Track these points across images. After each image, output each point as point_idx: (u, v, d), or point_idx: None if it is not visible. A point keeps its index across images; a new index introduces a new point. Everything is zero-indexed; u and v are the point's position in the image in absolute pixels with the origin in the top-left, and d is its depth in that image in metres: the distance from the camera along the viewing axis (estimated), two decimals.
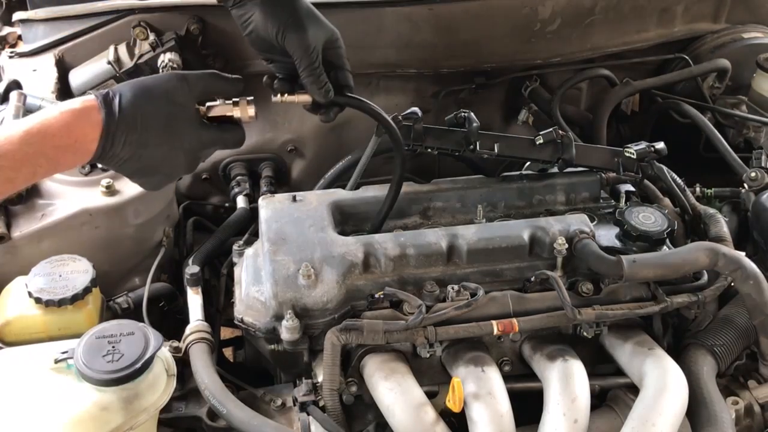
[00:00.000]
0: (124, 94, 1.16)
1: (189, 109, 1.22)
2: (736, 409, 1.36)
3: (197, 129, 1.23)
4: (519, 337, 1.40)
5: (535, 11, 2.00)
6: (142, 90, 1.18)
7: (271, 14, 1.33)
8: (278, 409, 1.35)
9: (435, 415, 1.24)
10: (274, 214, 1.49)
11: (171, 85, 1.21)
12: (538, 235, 1.42)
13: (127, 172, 1.21)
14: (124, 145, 1.14)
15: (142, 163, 1.19)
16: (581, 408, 1.25)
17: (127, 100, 1.15)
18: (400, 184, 1.49)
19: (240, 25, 1.37)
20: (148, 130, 1.16)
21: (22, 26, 1.96)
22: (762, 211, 1.58)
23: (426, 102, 2.10)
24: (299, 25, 1.33)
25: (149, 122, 1.16)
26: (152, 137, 1.17)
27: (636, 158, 1.58)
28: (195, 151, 1.24)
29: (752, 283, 1.34)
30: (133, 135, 1.15)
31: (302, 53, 1.32)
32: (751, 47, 2.19)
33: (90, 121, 1.13)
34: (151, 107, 1.17)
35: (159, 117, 1.17)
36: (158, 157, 1.19)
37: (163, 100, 1.18)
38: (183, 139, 1.20)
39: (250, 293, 1.39)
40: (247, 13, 1.35)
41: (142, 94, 1.18)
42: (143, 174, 1.23)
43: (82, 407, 1.11)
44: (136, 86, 1.19)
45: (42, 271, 1.37)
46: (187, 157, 1.23)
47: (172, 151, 1.20)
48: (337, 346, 1.28)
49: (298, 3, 1.36)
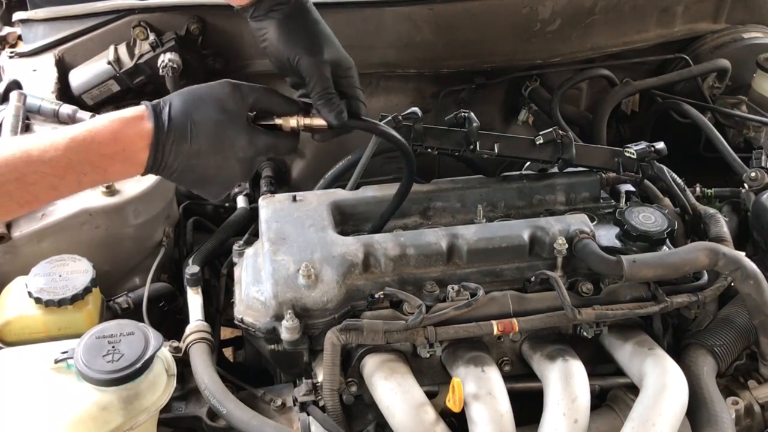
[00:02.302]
0: (174, 103, 1.14)
1: (241, 117, 1.19)
2: (736, 409, 1.36)
3: (250, 136, 1.19)
4: (519, 337, 1.40)
5: (535, 11, 2.00)
6: (192, 98, 1.16)
7: (287, 35, 1.30)
8: (278, 409, 1.35)
9: (435, 415, 1.24)
10: (274, 214, 1.49)
11: (223, 92, 1.18)
12: (538, 235, 1.42)
13: (185, 183, 1.20)
14: (176, 155, 1.13)
15: (197, 174, 1.17)
16: (581, 408, 1.25)
17: (176, 109, 1.14)
18: (407, 191, 1.48)
19: (257, 38, 1.35)
20: (200, 138, 1.14)
21: (22, 26, 1.96)
22: (762, 211, 1.58)
23: (426, 102, 2.10)
24: (315, 49, 1.29)
25: (200, 131, 1.14)
26: (204, 146, 1.15)
27: (636, 158, 1.58)
28: (250, 159, 1.21)
29: (752, 283, 1.34)
30: (183, 144, 1.13)
31: (315, 77, 1.28)
32: (751, 47, 2.19)
33: (139, 130, 1.11)
34: (201, 115, 1.15)
35: (210, 125, 1.15)
36: (212, 167, 1.17)
37: (214, 108, 1.16)
38: (236, 147, 1.18)
39: (250, 293, 1.39)
40: (264, 28, 1.32)
41: (193, 102, 1.16)
42: (201, 184, 1.21)
43: (82, 407, 1.11)
44: (186, 94, 1.17)
45: (42, 271, 1.37)
46: (242, 165, 1.20)
47: (226, 160, 1.18)
48: (337, 346, 1.28)
49: (316, 26, 1.33)
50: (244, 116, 1.20)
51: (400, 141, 1.43)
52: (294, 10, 1.32)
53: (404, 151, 1.44)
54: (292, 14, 1.31)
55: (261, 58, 1.94)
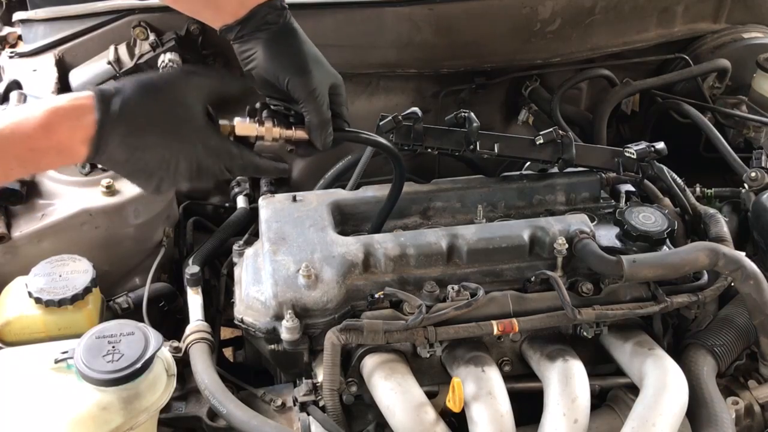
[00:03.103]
0: (126, 91, 1.08)
1: (197, 112, 1.14)
2: (736, 409, 1.36)
3: (204, 135, 1.14)
4: (519, 337, 1.40)
5: (535, 11, 2.00)
6: (146, 88, 1.11)
7: (277, 55, 1.27)
8: (278, 409, 1.35)
9: (435, 415, 1.24)
10: (274, 214, 1.49)
11: (179, 84, 1.14)
12: (538, 235, 1.42)
13: (121, 171, 1.14)
14: (121, 147, 1.07)
15: (138, 167, 1.12)
16: (581, 408, 1.25)
17: (128, 98, 1.08)
18: (398, 195, 1.48)
19: (241, 60, 1.31)
20: (150, 132, 1.09)
21: (22, 26, 1.96)
22: (762, 211, 1.58)
23: (426, 102, 2.10)
24: (305, 69, 1.27)
25: (152, 124, 1.09)
26: (153, 140, 1.09)
27: (636, 158, 1.58)
28: (200, 159, 1.14)
29: (752, 283, 1.34)
30: (131, 137, 1.08)
31: (309, 98, 1.26)
32: (751, 47, 2.19)
33: (80, 122, 1.05)
34: (156, 108, 1.10)
35: (162, 118, 1.10)
36: (157, 161, 1.11)
37: (170, 101, 1.12)
38: (184, 143, 1.12)
39: (250, 293, 1.38)
40: (251, 50, 1.29)
41: (147, 93, 1.11)
42: (140, 176, 1.14)
43: (82, 407, 1.11)
44: (140, 84, 1.11)
45: (42, 271, 1.37)
46: (188, 163, 1.13)
47: (173, 156, 1.11)
48: (337, 346, 1.28)
49: (304, 46, 1.30)
50: (200, 112, 1.14)
51: (386, 145, 1.43)
52: (282, 30, 1.30)
53: (391, 154, 1.44)
54: (281, 34, 1.30)
55: None
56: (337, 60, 1.43)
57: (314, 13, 1.88)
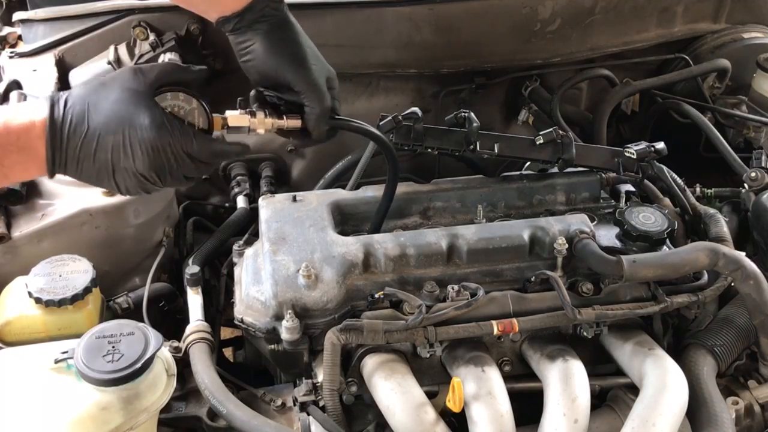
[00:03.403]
0: (73, 91, 1.13)
1: (143, 93, 1.13)
2: (736, 409, 1.36)
3: (153, 113, 1.12)
4: (519, 337, 1.40)
5: (535, 11, 2.00)
6: (92, 84, 1.14)
7: (276, 47, 1.29)
8: (278, 409, 1.35)
9: (435, 415, 1.24)
10: (274, 214, 1.49)
11: (124, 75, 1.16)
12: (538, 235, 1.42)
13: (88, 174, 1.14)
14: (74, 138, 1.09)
15: (99, 160, 1.11)
16: (581, 408, 1.25)
17: (74, 95, 1.11)
18: (394, 189, 1.49)
19: (237, 52, 1.33)
20: (98, 116, 1.09)
21: (22, 26, 1.96)
22: (762, 211, 1.58)
23: (426, 102, 2.10)
24: (306, 60, 1.30)
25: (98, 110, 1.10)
26: (102, 123, 1.10)
27: (636, 158, 1.58)
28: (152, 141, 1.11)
29: (752, 283, 1.34)
30: (81, 126, 1.09)
31: (311, 88, 1.29)
32: (751, 47, 2.19)
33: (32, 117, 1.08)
34: (100, 96, 1.12)
35: (108, 103, 1.11)
36: (113, 149, 1.10)
37: (113, 88, 1.12)
38: (136, 123, 1.11)
39: (250, 293, 1.39)
40: (248, 41, 1.30)
41: (92, 87, 1.13)
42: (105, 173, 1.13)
43: (82, 407, 1.11)
44: (86, 82, 1.16)
45: (42, 271, 1.37)
46: (145, 149, 1.11)
47: (125, 139, 1.10)
48: (337, 346, 1.28)
49: (302, 38, 1.33)
50: (146, 93, 1.14)
51: (378, 135, 1.45)
52: (281, 22, 1.31)
53: (384, 145, 1.45)
54: (279, 26, 1.31)
55: None
56: (337, 60, 1.43)
57: (314, 13, 1.88)
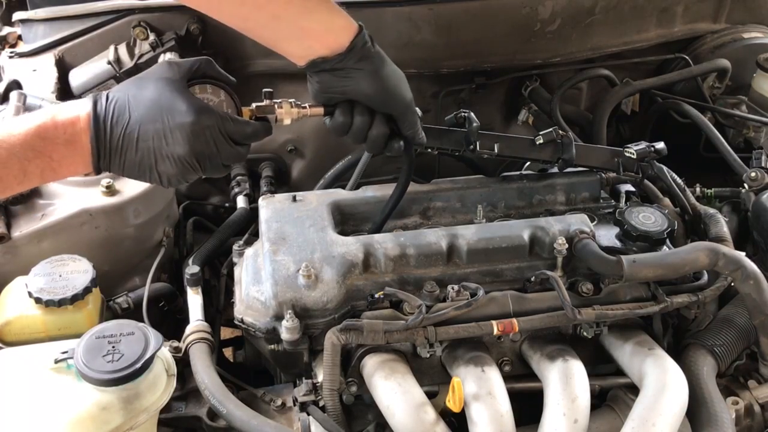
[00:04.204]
0: (113, 88, 1.18)
1: (178, 81, 1.18)
2: (736, 409, 1.36)
3: (189, 99, 1.16)
4: (519, 337, 1.40)
5: (535, 11, 2.00)
6: (131, 80, 1.20)
7: (384, 86, 1.33)
8: (278, 409, 1.35)
9: (435, 415, 1.24)
10: (274, 214, 1.49)
11: (160, 68, 1.20)
12: (538, 235, 1.42)
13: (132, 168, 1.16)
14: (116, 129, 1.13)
15: (141, 150, 1.14)
16: (581, 408, 1.25)
17: (115, 90, 1.17)
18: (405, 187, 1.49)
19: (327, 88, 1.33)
20: (139, 107, 1.14)
21: (22, 26, 1.96)
22: (762, 211, 1.58)
23: (426, 102, 2.10)
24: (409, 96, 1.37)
25: (138, 101, 1.14)
26: (142, 112, 1.14)
27: (636, 158, 1.58)
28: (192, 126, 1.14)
29: (752, 283, 1.34)
30: (122, 116, 1.13)
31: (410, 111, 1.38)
32: (751, 47, 2.19)
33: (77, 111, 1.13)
34: (138, 88, 1.16)
35: (147, 94, 1.15)
36: (154, 138, 1.14)
37: (150, 80, 1.17)
38: (174, 110, 1.14)
39: (250, 293, 1.39)
40: (348, 79, 1.31)
41: (131, 81, 1.19)
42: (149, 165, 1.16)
43: (82, 407, 1.11)
44: (126, 80, 1.21)
45: (42, 271, 1.37)
46: (184, 133, 1.14)
47: (165, 127, 1.14)
48: (337, 346, 1.28)
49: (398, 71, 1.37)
50: (182, 81, 1.19)
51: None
52: (379, 59, 1.34)
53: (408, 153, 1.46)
54: (380, 63, 1.34)
55: (261, 58, 1.94)
56: None
57: None
